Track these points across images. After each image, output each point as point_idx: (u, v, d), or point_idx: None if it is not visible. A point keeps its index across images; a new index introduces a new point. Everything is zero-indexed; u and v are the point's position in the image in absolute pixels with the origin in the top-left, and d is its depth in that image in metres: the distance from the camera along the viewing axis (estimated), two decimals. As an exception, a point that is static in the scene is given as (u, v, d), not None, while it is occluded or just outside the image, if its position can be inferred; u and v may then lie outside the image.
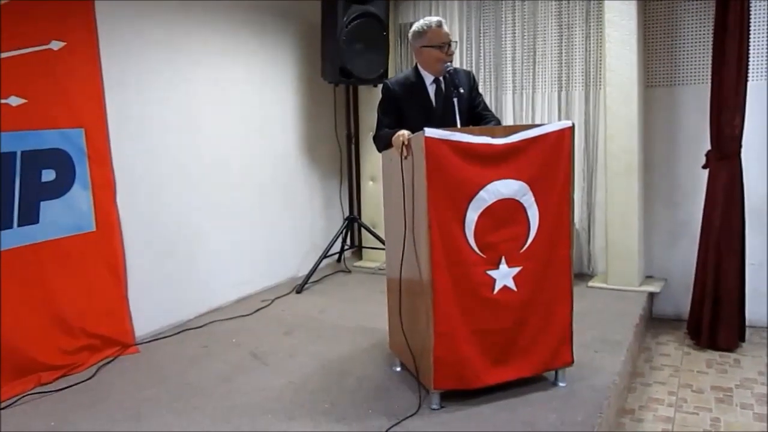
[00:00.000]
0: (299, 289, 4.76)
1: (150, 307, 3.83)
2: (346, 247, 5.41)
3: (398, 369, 3.24)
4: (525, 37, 4.98)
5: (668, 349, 4.16)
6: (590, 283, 4.64)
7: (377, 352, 3.51)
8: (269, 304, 4.46)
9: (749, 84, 3.96)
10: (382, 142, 3.02)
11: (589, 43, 4.75)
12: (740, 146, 3.99)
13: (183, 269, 4.10)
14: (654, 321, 4.61)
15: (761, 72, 4.23)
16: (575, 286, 4.15)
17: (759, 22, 4.17)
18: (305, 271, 4.95)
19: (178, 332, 3.93)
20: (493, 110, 4.84)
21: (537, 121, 4.87)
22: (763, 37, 4.20)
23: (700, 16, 4.37)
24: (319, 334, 3.87)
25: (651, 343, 4.24)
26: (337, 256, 5.41)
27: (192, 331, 3.97)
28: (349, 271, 5.31)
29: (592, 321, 3.82)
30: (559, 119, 4.78)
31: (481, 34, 5.13)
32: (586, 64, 4.79)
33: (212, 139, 4.32)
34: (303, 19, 5.10)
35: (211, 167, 4.32)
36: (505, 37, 5.05)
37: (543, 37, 4.92)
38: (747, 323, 4.13)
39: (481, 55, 5.15)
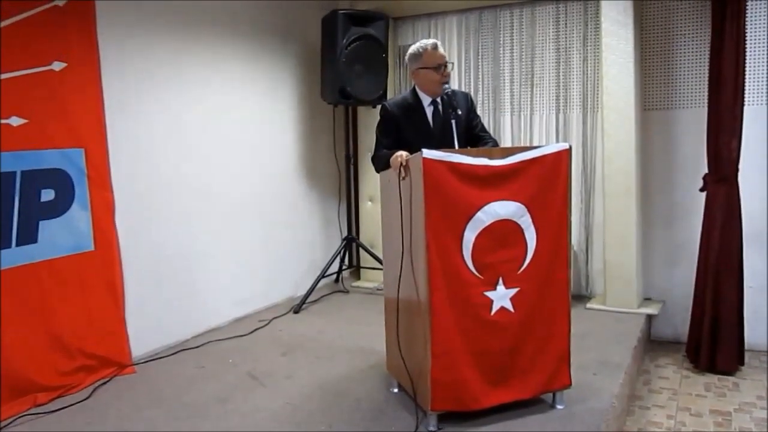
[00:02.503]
0: (297, 309, 4.75)
1: (147, 327, 3.82)
2: (344, 267, 5.41)
3: (396, 390, 3.23)
4: (523, 59, 5.03)
5: (667, 372, 4.14)
6: (588, 305, 4.63)
7: (375, 373, 3.50)
8: (267, 324, 4.45)
9: (746, 108, 4.00)
10: (381, 163, 3.04)
11: (587, 67, 4.79)
12: (737, 169, 4.01)
13: (180, 289, 4.10)
14: (652, 343, 4.60)
15: (758, 96, 4.26)
16: (573, 307, 4.15)
17: (755, 46, 4.21)
18: (303, 291, 4.94)
19: (175, 352, 3.91)
20: (492, 132, 4.89)
21: (535, 143, 4.89)
22: (759, 61, 4.24)
23: (697, 40, 4.41)
24: (317, 354, 3.86)
25: (650, 366, 4.23)
26: (335, 276, 5.40)
27: (189, 351, 3.96)
28: (347, 291, 5.30)
29: (590, 343, 3.82)
30: (557, 141, 4.81)
31: (480, 57, 5.18)
32: (584, 87, 4.83)
33: (212, 159, 4.34)
34: (303, 40, 5.16)
35: (210, 187, 4.33)
36: (504, 60, 5.10)
37: (541, 59, 4.98)
38: (746, 347, 4.11)
39: (480, 77, 5.19)
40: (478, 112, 4.97)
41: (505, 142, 5.03)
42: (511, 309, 2.77)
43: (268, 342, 4.12)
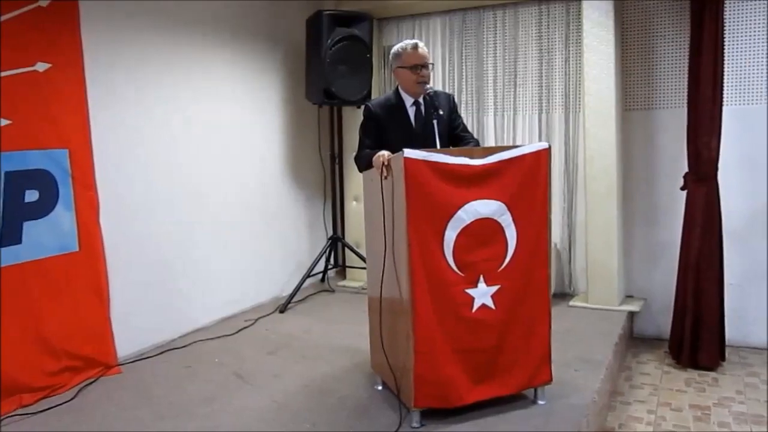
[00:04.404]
0: (283, 309, 4.77)
1: (133, 327, 3.83)
2: (329, 266, 5.43)
3: (380, 388, 3.26)
4: (506, 60, 5.08)
5: (648, 368, 4.20)
6: (571, 303, 4.68)
7: (359, 371, 3.52)
8: (253, 324, 4.46)
9: (726, 108, 4.07)
10: (363, 163, 3.08)
11: (569, 68, 4.85)
12: (717, 168, 4.08)
13: (166, 289, 4.11)
14: (635, 340, 4.66)
15: (737, 96, 4.33)
16: (556, 305, 4.22)
17: (733, 47, 4.28)
18: (289, 291, 4.96)
19: (161, 352, 3.92)
20: (475, 132, 4.96)
21: (518, 143, 4.92)
22: (737, 62, 4.31)
23: (677, 41, 4.47)
24: (302, 353, 3.88)
25: (632, 362, 4.29)
26: (320, 275, 5.42)
27: (175, 351, 3.96)
28: (333, 291, 5.33)
29: (572, 340, 3.87)
30: (540, 141, 4.86)
31: (464, 57, 5.23)
32: (566, 87, 4.89)
33: (197, 159, 4.35)
34: (288, 41, 5.18)
35: (196, 187, 4.34)
36: (487, 61, 5.15)
37: (524, 60, 5.03)
38: (727, 343, 4.18)
39: (464, 77, 5.24)
40: (462, 112, 5.09)
41: (489, 142, 5.08)
42: (492, 306, 2.81)
43: (254, 341, 4.13)
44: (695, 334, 4.12)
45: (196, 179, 4.34)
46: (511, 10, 5.02)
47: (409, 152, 2.61)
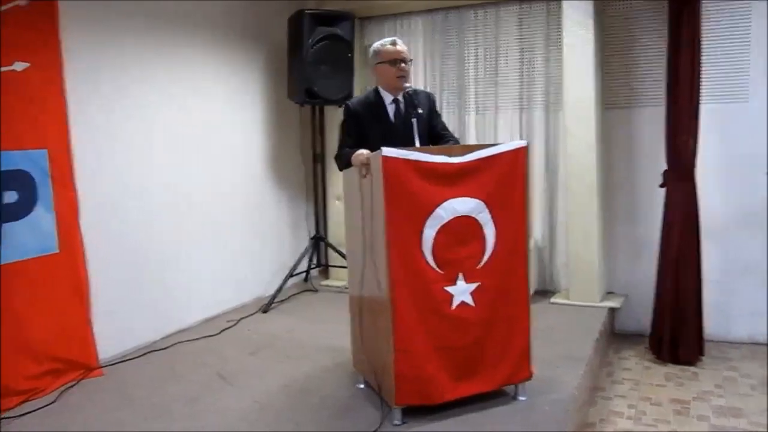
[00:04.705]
0: (266, 309, 4.76)
1: (115, 329, 3.80)
2: (312, 266, 5.43)
3: (362, 386, 3.27)
4: (487, 59, 5.11)
5: (629, 363, 4.24)
6: (553, 300, 4.72)
7: (342, 370, 3.53)
8: (235, 325, 4.45)
9: (704, 107, 4.11)
10: (343, 162, 3.08)
11: (549, 67, 4.88)
12: (695, 166, 4.13)
13: (148, 290, 4.09)
14: (616, 336, 4.70)
15: (716, 95, 4.38)
16: (538, 302, 4.25)
17: (712, 47, 4.33)
18: (272, 291, 4.95)
19: (144, 354, 3.90)
20: (457, 131, 4.98)
21: (500, 142, 4.95)
22: (715, 61, 4.36)
23: (656, 40, 4.51)
24: (285, 353, 3.88)
25: (613, 358, 4.33)
26: (304, 275, 5.42)
27: (157, 352, 3.94)
28: (316, 291, 5.33)
29: (554, 336, 3.90)
30: (521, 140, 4.88)
31: (445, 56, 5.25)
32: (547, 86, 4.92)
33: (178, 159, 4.33)
34: (269, 40, 5.17)
35: (178, 188, 4.32)
36: (468, 60, 5.17)
37: (505, 59, 5.06)
38: (706, 338, 4.23)
39: (445, 76, 5.26)
40: (444, 111, 5.12)
41: (470, 141, 5.11)
42: (472, 303, 2.83)
43: (237, 342, 4.12)
44: (675, 330, 4.17)
45: (177, 179, 4.32)
46: (492, 9, 5.05)
47: (387, 151, 2.62)
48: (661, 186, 4.23)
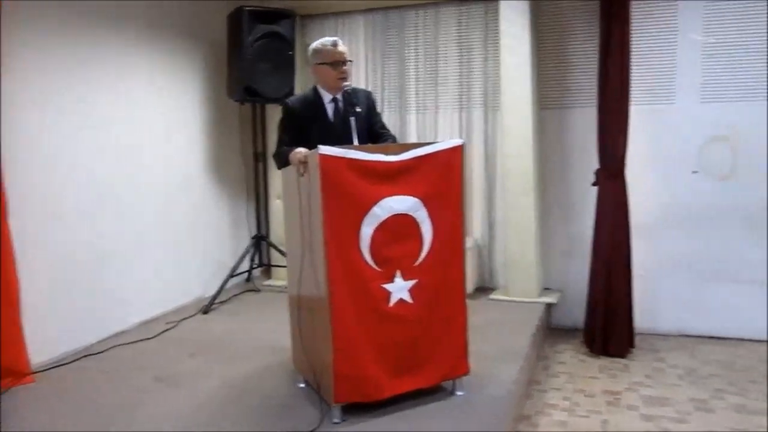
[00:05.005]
0: (206, 310, 4.69)
1: (48, 333, 3.67)
2: (254, 266, 5.38)
3: (302, 385, 3.26)
4: (427, 59, 5.17)
5: (565, 357, 4.36)
6: (492, 296, 4.81)
7: (282, 370, 3.51)
8: (174, 327, 4.37)
9: (634, 107, 4.26)
10: (281, 160, 3.07)
11: (488, 67, 4.97)
12: (625, 165, 4.27)
13: (84, 292, 3.96)
14: (553, 331, 4.83)
15: (645, 96, 4.55)
16: (477, 299, 4.31)
17: (642, 48, 4.49)
18: (213, 292, 4.88)
19: (79, 358, 3.78)
20: (398, 130, 5.02)
21: (440, 141, 5.03)
22: (646, 63, 4.52)
23: (588, 41, 4.64)
24: (225, 354, 3.83)
25: (549, 352, 4.44)
26: (246, 275, 5.36)
27: (93, 356, 3.83)
28: (258, 290, 5.28)
29: (492, 332, 3.97)
30: (461, 139, 4.95)
31: (386, 56, 5.28)
32: (485, 86, 5.01)
33: (114, 158, 4.21)
34: (208, 38, 5.09)
35: (114, 187, 4.21)
36: (409, 59, 5.22)
37: (445, 59, 5.12)
38: (636, 330, 4.39)
39: (386, 75, 5.29)
40: (385, 110, 5.14)
41: (411, 140, 5.16)
42: (410, 300, 2.85)
43: (176, 344, 4.04)
44: (607, 324, 4.31)
45: (113, 179, 4.20)
46: (432, 9, 5.10)
47: (324, 149, 2.62)
48: (594, 184, 4.37)
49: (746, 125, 4.37)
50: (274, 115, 5.31)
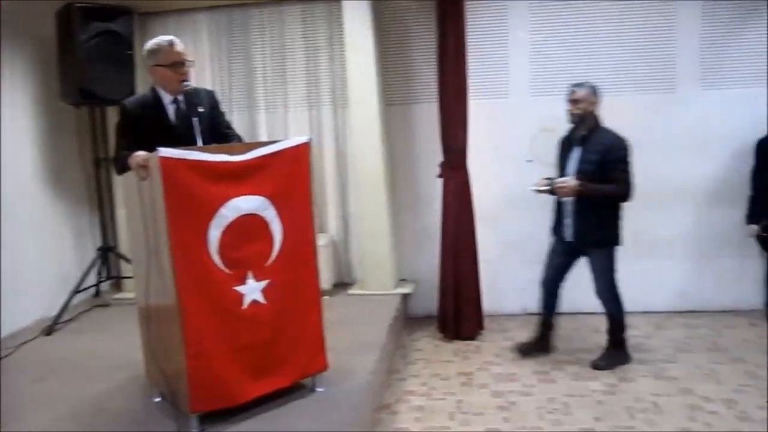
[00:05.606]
0: (49, 331, 4.36)
1: None
2: (102, 279, 5.07)
3: (158, 400, 3.14)
4: (274, 58, 5.15)
5: (421, 344, 4.54)
6: (350, 292, 4.90)
7: (136, 385, 3.35)
8: (13, 352, 4.01)
9: (473, 102, 4.51)
10: (121, 165, 2.92)
11: (334, 65, 5.04)
12: (466, 157, 4.51)
13: None
14: (409, 320, 5.00)
15: (483, 91, 4.82)
16: (335, 295, 4.37)
17: (476, 47, 4.74)
18: (56, 311, 4.53)
19: None
20: (248, 129, 4.98)
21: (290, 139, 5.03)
22: (481, 60, 4.80)
23: (429, 39, 4.81)
24: (74, 376, 3.58)
25: (407, 341, 4.60)
26: (94, 290, 5.05)
27: None
28: (108, 305, 4.99)
29: (350, 327, 4.04)
30: (311, 137, 4.98)
31: (232, 55, 5.19)
32: (333, 84, 5.08)
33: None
34: (35, 36, 4.71)
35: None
36: (255, 58, 5.17)
37: (292, 58, 5.13)
38: (485, 313, 4.66)
39: (234, 75, 5.20)
40: (234, 109, 5.06)
41: (261, 139, 5.10)
42: (263, 301, 2.84)
43: (17, 370, 3.72)
44: (457, 309, 4.54)
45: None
46: (275, 8, 5.08)
47: (164, 151, 2.54)
48: (439, 176, 4.58)
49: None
50: (116, 118, 5.04)
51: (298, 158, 2.91)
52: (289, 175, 2.88)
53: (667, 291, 4.92)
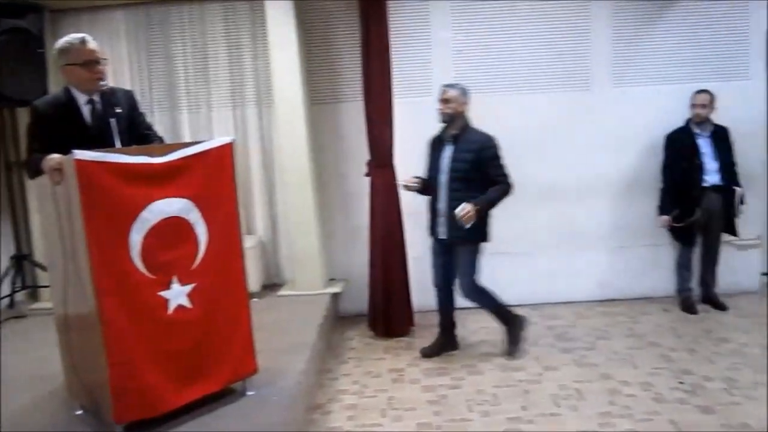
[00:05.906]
0: (-44, 347, 4.12)
1: None
2: (16, 288, 4.83)
3: (79, 412, 3.01)
4: (196, 57, 5.04)
5: (353, 343, 4.55)
6: (280, 293, 4.86)
7: (57, 399, 3.20)
8: None
9: (398, 101, 4.55)
10: (33, 169, 2.79)
11: (258, 64, 4.99)
12: (393, 155, 4.55)
13: None
14: (341, 319, 5.01)
15: (407, 90, 4.87)
16: (265, 296, 4.32)
17: (400, 47, 4.79)
18: (-35, 323, 4.30)
19: None
20: (170, 130, 4.85)
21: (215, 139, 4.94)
22: (404, 60, 4.84)
23: (352, 41, 4.83)
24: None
25: (339, 340, 4.60)
26: (8, 300, 4.80)
27: None
28: (24, 316, 4.77)
29: (281, 328, 4.02)
30: (237, 136, 4.91)
31: (152, 54, 5.05)
32: (257, 83, 5.03)
33: None
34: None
35: None
36: (176, 57, 5.05)
37: (215, 57, 5.04)
38: (415, 309, 4.71)
39: (154, 74, 5.06)
40: (155, 110, 4.93)
41: (185, 139, 5.00)
42: (189, 305, 2.77)
43: None
44: (387, 306, 4.58)
45: None
46: (196, 6, 4.98)
47: (80, 154, 2.43)
48: (366, 175, 4.60)
49: (490, 113, 4.84)
50: (27, 119, 4.81)
51: (222, 159, 2.86)
52: (213, 177, 2.82)
53: (587, 281, 5.12)
